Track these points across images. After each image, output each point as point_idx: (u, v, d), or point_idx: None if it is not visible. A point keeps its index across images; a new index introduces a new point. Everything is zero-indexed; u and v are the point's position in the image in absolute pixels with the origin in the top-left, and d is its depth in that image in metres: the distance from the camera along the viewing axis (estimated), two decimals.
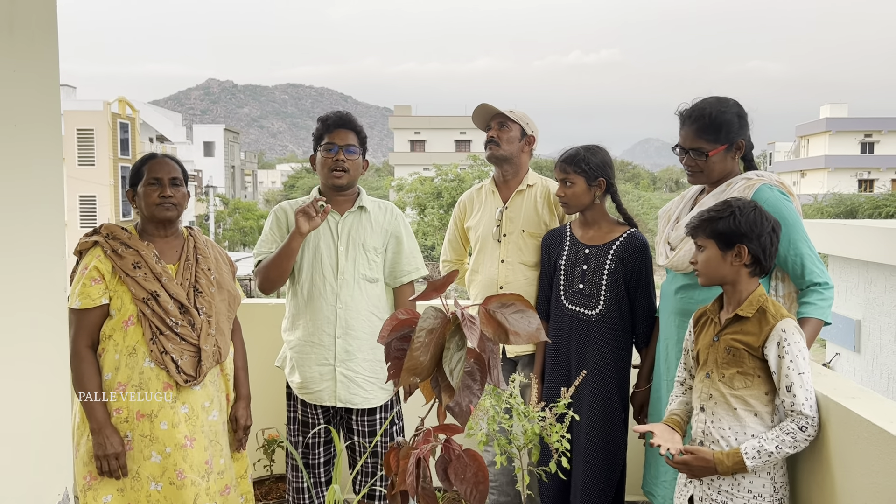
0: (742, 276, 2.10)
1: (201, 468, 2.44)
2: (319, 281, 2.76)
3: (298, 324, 2.81)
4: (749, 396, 2.04)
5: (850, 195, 30.26)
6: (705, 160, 2.41)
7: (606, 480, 2.74)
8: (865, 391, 2.05)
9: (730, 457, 2.00)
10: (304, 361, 2.78)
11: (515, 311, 1.54)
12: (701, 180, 2.50)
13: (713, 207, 2.15)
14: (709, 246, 2.12)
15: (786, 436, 1.97)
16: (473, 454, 1.57)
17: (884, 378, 4.73)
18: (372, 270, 2.80)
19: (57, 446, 1.52)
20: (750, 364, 2.04)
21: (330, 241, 2.79)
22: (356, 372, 2.76)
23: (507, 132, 3.03)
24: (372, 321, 2.77)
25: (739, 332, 2.07)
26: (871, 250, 4.72)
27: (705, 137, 2.40)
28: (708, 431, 2.11)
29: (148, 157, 2.57)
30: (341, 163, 2.75)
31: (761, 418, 2.04)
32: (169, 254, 2.53)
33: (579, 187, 2.75)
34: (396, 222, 2.89)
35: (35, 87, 1.41)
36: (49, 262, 1.46)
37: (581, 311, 2.77)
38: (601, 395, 2.73)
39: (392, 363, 1.57)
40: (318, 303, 2.75)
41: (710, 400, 2.12)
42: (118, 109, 30.85)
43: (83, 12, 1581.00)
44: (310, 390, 2.79)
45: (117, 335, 2.40)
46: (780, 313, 2.04)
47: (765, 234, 2.07)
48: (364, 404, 2.78)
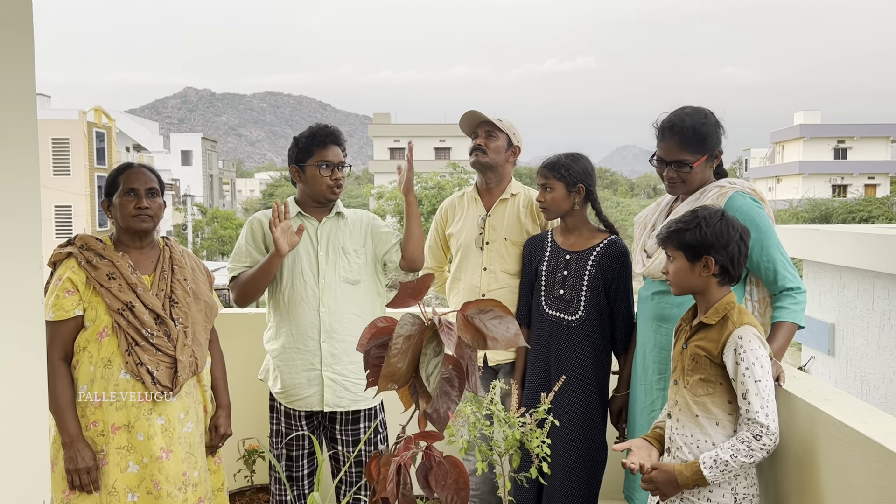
0: (711, 286, 2.10)
1: (178, 480, 2.41)
2: (300, 286, 2.76)
3: (282, 331, 2.80)
4: (711, 404, 2.04)
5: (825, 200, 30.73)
6: (689, 171, 2.43)
7: (588, 486, 2.75)
8: (839, 393, 2.08)
9: (688, 468, 1.99)
10: (290, 368, 2.77)
11: (494, 316, 1.55)
12: (681, 191, 2.51)
13: (680, 218, 2.14)
14: (677, 257, 2.12)
15: (741, 445, 1.94)
16: (454, 461, 1.58)
17: (857, 381, 4.81)
18: (353, 272, 2.81)
19: (35, 459, 1.50)
20: (711, 371, 2.04)
21: (309, 247, 2.79)
22: (343, 375, 2.76)
23: (495, 140, 3.05)
24: (356, 323, 2.77)
25: (703, 339, 2.08)
26: (843, 255, 4.80)
27: (688, 149, 2.42)
28: (673, 438, 2.12)
29: (124, 167, 2.54)
30: (339, 180, 2.80)
31: (723, 427, 2.03)
32: (144, 264, 2.51)
33: (559, 193, 2.78)
34: (370, 218, 2.95)
35: (10, 95, 1.40)
36: (26, 273, 1.45)
37: (561, 317, 2.79)
38: (581, 400, 2.75)
39: (371, 370, 1.58)
40: (301, 308, 2.75)
41: (675, 406, 2.13)
42: (94, 118, 30.55)
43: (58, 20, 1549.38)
44: (297, 396, 2.78)
45: (92, 347, 2.37)
46: (742, 321, 2.03)
47: (732, 244, 2.06)
48: (352, 406, 2.79)
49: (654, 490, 2.08)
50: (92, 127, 29.95)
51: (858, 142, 48.63)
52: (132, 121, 44.70)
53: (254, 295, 2.77)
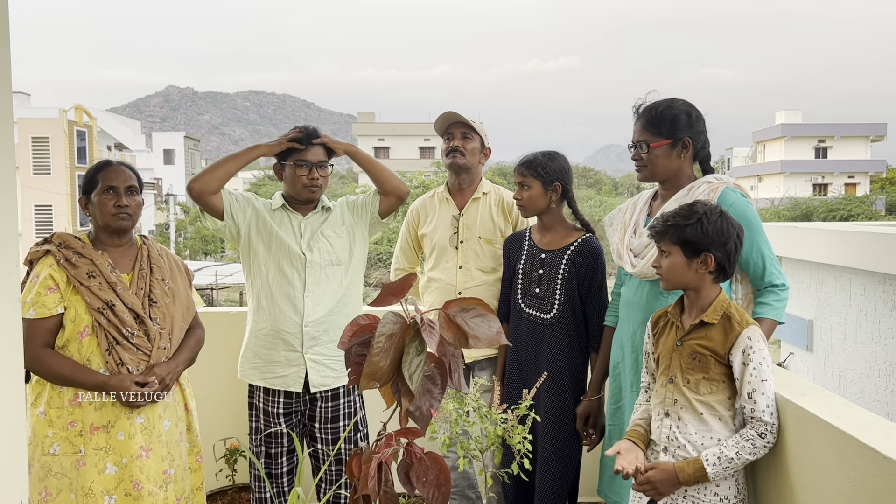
0: (706, 283, 2.09)
1: (159, 478, 2.41)
2: (287, 268, 2.80)
3: (263, 309, 2.82)
4: (714, 402, 2.05)
5: (806, 199, 31.05)
6: (647, 152, 2.44)
7: (560, 483, 2.76)
8: (815, 388, 2.10)
9: (691, 464, 2.00)
10: (271, 346, 2.80)
11: (476, 315, 1.56)
12: (646, 175, 2.50)
13: (678, 212, 2.11)
14: (674, 252, 2.09)
15: (746, 442, 1.98)
16: (435, 457, 1.58)
17: (835, 376, 4.87)
18: (336, 252, 2.87)
19: (12, 459, 1.49)
20: (715, 370, 2.04)
21: (292, 240, 2.84)
22: (324, 355, 2.81)
23: (471, 142, 3.11)
24: (340, 304, 2.84)
25: (704, 338, 2.06)
26: (821, 252, 4.86)
27: (650, 130, 2.44)
28: (673, 437, 2.09)
29: (102, 165, 2.52)
30: (316, 180, 2.82)
31: (725, 422, 2.05)
32: (123, 263, 2.50)
33: (535, 191, 2.79)
34: (344, 199, 3.02)
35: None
36: (2, 273, 1.44)
37: (537, 315, 2.81)
38: (556, 398, 2.76)
39: (353, 368, 1.58)
40: (286, 289, 2.79)
41: (675, 405, 2.10)
42: (75, 117, 30.21)
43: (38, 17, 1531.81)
44: (274, 374, 2.80)
45: (72, 346, 2.36)
46: (745, 320, 2.04)
47: (730, 241, 2.05)
48: (336, 383, 2.83)
49: (648, 490, 2.05)
50: (73, 125, 29.62)
51: (839, 141, 49.18)
52: (114, 119, 44.27)
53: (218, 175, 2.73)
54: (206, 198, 2.73)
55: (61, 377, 2.32)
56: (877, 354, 4.38)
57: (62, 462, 2.33)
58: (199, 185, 2.72)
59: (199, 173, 2.76)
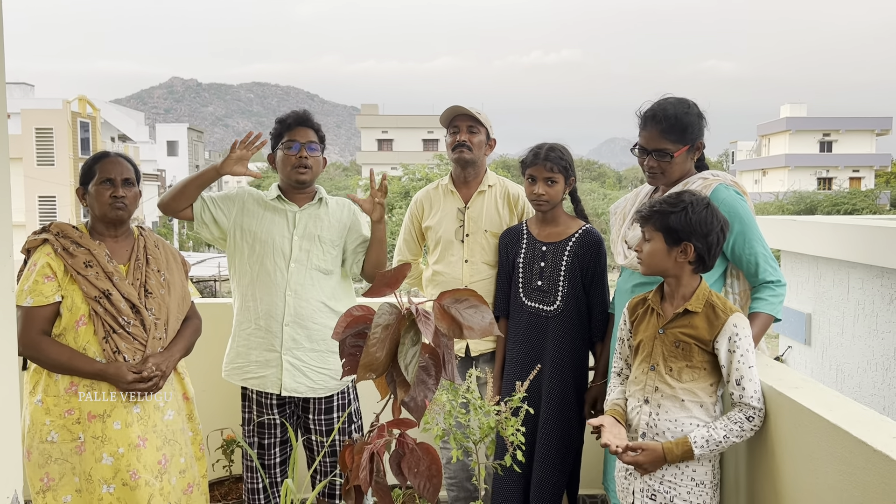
0: (685, 272, 2.11)
1: (154, 468, 2.42)
2: (271, 266, 2.77)
3: (246, 309, 2.81)
4: (697, 388, 2.08)
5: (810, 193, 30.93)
6: (669, 161, 2.43)
7: (559, 475, 2.77)
8: (808, 381, 2.11)
9: (679, 445, 2.04)
10: (248, 345, 2.79)
11: (469, 306, 1.56)
12: (661, 181, 2.50)
13: (665, 200, 2.13)
14: (656, 238, 2.12)
15: (734, 425, 2.02)
16: (427, 448, 1.59)
17: (833, 370, 4.87)
18: (326, 262, 2.82)
19: (5, 448, 1.50)
20: (699, 358, 2.07)
21: (285, 230, 2.80)
22: (303, 361, 2.77)
23: (477, 135, 3.07)
24: (324, 312, 2.79)
25: (688, 327, 2.09)
26: (820, 245, 4.85)
27: (670, 138, 2.41)
28: (653, 423, 2.13)
29: (100, 156, 2.54)
30: (304, 160, 2.78)
31: (706, 409, 2.09)
32: (119, 253, 2.52)
33: (560, 185, 2.79)
34: (354, 217, 2.93)
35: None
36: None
37: (539, 308, 2.81)
38: (558, 390, 2.77)
39: (347, 359, 1.59)
40: (267, 289, 2.77)
41: (655, 392, 2.14)
42: (78, 108, 30.22)
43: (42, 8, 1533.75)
44: (252, 374, 2.79)
45: (69, 335, 2.37)
46: (729, 307, 2.07)
47: (713, 233, 2.07)
48: (310, 394, 2.80)
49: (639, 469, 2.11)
50: (76, 117, 29.62)
51: (844, 135, 48.97)
52: (117, 111, 44.25)
53: (177, 198, 2.74)
54: (178, 215, 2.80)
55: (59, 365, 2.34)
56: (874, 348, 4.38)
57: (62, 448, 2.36)
58: (165, 210, 2.79)
59: (163, 198, 2.79)
